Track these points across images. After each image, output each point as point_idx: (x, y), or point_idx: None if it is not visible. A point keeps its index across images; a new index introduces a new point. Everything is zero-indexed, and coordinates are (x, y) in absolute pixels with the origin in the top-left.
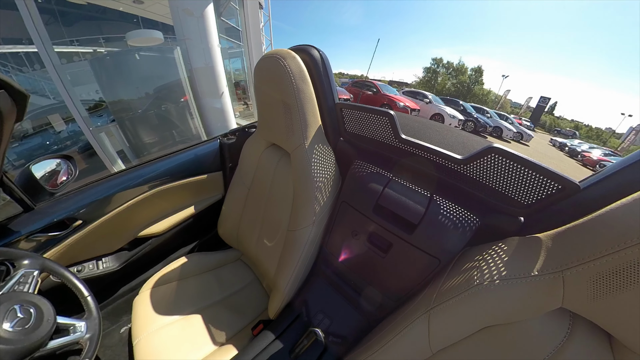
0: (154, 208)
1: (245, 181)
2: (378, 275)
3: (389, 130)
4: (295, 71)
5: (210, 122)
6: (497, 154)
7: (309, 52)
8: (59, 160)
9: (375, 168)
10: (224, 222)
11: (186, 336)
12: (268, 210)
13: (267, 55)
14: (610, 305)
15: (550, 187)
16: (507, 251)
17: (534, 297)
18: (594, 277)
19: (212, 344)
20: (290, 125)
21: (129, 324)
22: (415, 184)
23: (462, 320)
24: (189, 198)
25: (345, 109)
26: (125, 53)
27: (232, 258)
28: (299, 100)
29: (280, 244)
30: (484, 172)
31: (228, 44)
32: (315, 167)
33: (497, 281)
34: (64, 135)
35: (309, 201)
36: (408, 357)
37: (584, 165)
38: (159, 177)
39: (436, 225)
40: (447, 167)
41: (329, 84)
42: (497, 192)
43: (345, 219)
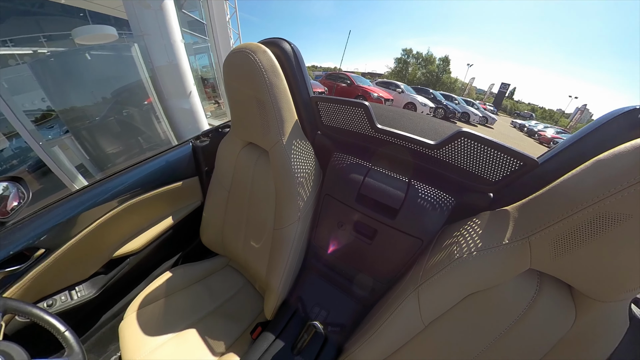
0: (127, 224)
1: (224, 184)
2: (367, 262)
3: (365, 121)
4: (267, 66)
5: (179, 125)
6: (466, 137)
7: (280, 45)
8: (6, 183)
9: (354, 159)
10: (206, 229)
11: (183, 353)
12: (251, 211)
13: (236, 49)
14: (569, 261)
15: (514, 164)
16: (481, 225)
17: (507, 263)
18: (554, 239)
19: (211, 355)
20: (265, 122)
21: (117, 353)
22: (393, 171)
23: (448, 292)
24: (165, 208)
25: (321, 102)
26: (73, 53)
27: (219, 265)
28: (272, 95)
29: (268, 244)
30: (455, 154)
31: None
32: (295, 162)
33: (474, 253)
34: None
35: (292, 198)
36: (403, 333)
37: (541, 143)
38: (129, 189)
39: (416, 208)
40: (422, 153)
41: (302, 78)
42: (468, 173)
43: (329, 212)
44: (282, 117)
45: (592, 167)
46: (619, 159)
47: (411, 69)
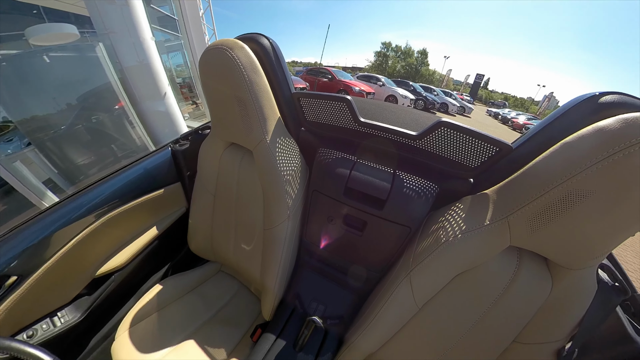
0: (107, 239)
1: (209, 188)
2: (359, 253)
3: (348, 115)
4: (246, 62)
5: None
6: (446, 127)
7: (258, 41)
8: None
9: (339, 153)
10: (194, 236)
11: None
12: (239, 213)
13: (211, 46)
14: (544, 236)
15: (491, 150)
16: (464, 209)
17: (489, 242)
18: (530, 217)
19: None
20: (247, 121)
21: None
22: (378, 163)
23: (438, 274)
24: (148, 219)
25: (303, 98)
26: (28, 56)
27: (211, 272)
28: (253, 93)
29: (259, 245)
30: (436, 144)
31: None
32: (281, 160)
33: (459, 235)
34: None
35: (280, 196)
36: (400, 317)
37: (514, 129)
38: (106, 202)
39: (402, 198)
40: (405, 144)
41: (283, 74)
42: (449, 160)
43: (319, 207)
44: (265, 115)
45: (560, 149)
46: (582, 141)
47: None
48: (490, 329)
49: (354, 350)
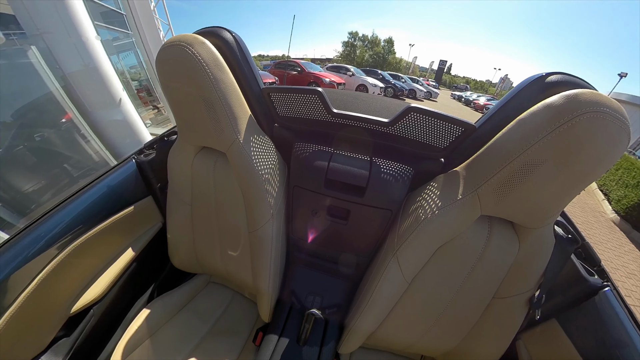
0: (77, 271)
1: (184, 198)
2: (347, 241)
3: (320, 107)
4: (208, 59)
5: (114, 141)
6: (415, 112)
7: (219, 34)
8: None
9: (316, 146)
10: (175, 251)
11: None
12: (221, 220)
13: (168, 44)
14: (509, 203)
15: (457, 130)
16: (438, 187)
17: (463, 214)
18: (496, 188)
19: None
20: (216, 122)
21: None
22: (355, 152)
23: (422, 250)
24: (121, 241)
25: (274, 93)
26: None
27: (201, 285)
28: (219, 91)
29: (247, 248)
30: (408, 128)
31: (112, 35)
32: (257, 160)
33: (436, 212)
34: None
35: (261, 196)
36: (392, 295)
37: (476, 110)
38: (68, 230)
39: (381, 183)
40: (378, 131)
41: (250, 69)
42: (421, 143)
43: (301, 202)
44: (235, 114)
45: (516, 125)
46: (534, 117)
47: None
48: (473, 290)
49: (355, 333)
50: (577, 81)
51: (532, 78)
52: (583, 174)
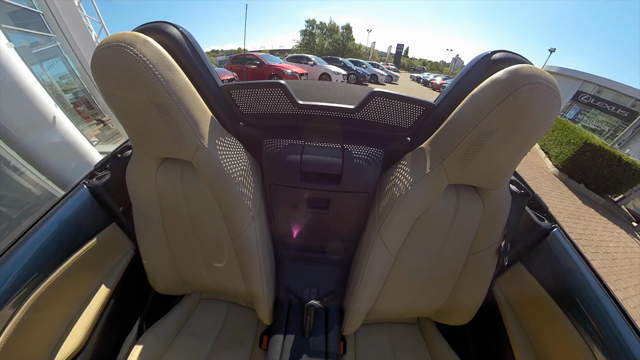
0: (45, 326)
1: (154, 217)
2: (331, 229)
3: (285, 100)
4: (155, 59)
5: (56, 167)
6: (379, 96)
7: (164, 30)
8: None
9: (286, 140)
10: (156, 276)
11: None
12: (199, 233)
13: (104, 45)
14: (470, 170)
15: (419, 110)
16: (407, 165)
17: (433, 186)
18: (458, 158)
19: None
20: (175, 129)
21: None
22: (325, 141)
23: (401, 224)
24: (90, 279)
25: (234, 90)
26: None
27: (192, 304)
28: (173, 95)
29: (233, 257)
30: (373, 112)
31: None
32: (227, 163)
33: (409, 187)
34: None
35: (237, 201)
36: (382, 271)
37: (434, 89)
38: (20, 283)
39: (355, 168)
40: (346, 118)
41: (204, 66)
42: (387, 125)
43: (280, 199)
44: (194, 117)
45: (469, 100)
46: (483, 92)
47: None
48: (450, 252)
49: (355, 314)
50: (517, 57)
51: (479, 57)
52: (527, 137)
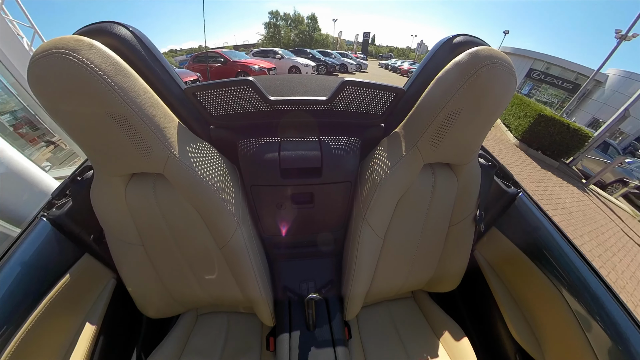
0: None
1: (131, 240)
2: (319, 222)
3: (256, 98)
4: (104, 65)
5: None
6: (350, 85)
7: (111, 31)
8: None
9: (261, 139)
10: (145, 302)
11: None
12: (184, 247)
13: (41, 53)
14: (442, 149)
15: (390, 96)
16: (384, 150)
17: (410, 167)
18: (430, 138)
19: None
20: (139, 140)
21: None
22: (302, 135)
23: (385, 207)
24: (71, 320)
25: (199, 91)
26: None
27: (190, 323)
28: (131, 103)
29: (224, 266)
30: (346, 102)
31: None
32: (202, 170)
33: (388, 171)
34: None
35: (219, 208)
36: (373, 254)
37: (402, 75)
38: None
39: (335, 159)
40: (319, 110)
41: (163, 68)
42: (361, 113)
43: (263, 200)
44: (159, 125)
45: (436, 83)
46: (448, 74)
47: (283, 32)
48: (433, 226)
49: (354, 299)
50: (476, 40)
51: (442, 41)
52: (490, 113)
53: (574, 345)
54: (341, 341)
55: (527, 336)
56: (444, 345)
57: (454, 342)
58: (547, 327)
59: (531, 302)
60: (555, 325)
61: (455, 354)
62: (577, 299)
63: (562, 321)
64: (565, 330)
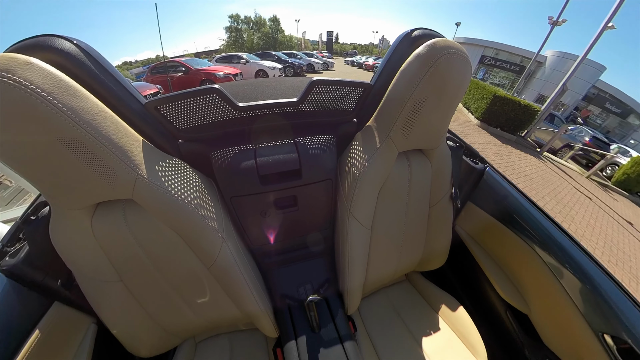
0: None
1: (106, 277)
2: (306, 224)
3: (224, 106)
4: (46, 84)
5: None
6: (319, 84)
7: (51, 46)
8: None
9: (235, 148)
10: (135, 341)
11: None
12: (168, 274)
13: None
14: (413, 136)
15: (358, 91)
16: (360, 144)
17: (386, 157)
18: (401, 128)
19: None
20: (100, 165)
21: None
22: (277, 139)
23: (368, 199)
24: None
25: (162, 105)
26: None
27: (190, 352)
28: (85, 125)
29: (215, 285)
30: (317, 101)
31: None
32: (176, 189)
33: (366, 164)
34: None
35: (201, 226)
36: (363, 246)
37: (368, 70)
38: None
39: (312, 159)
40: (291, 112)
41: (117, 83)
42: (333, 111)
43: (246, 210)
44: (121, 146)
45: (400, 76)
46: (411, 67)
47: (246, 36)
48: (415, 210)
49: (353, 292)
50: (433, 33)
51: (401, 36)
52: (452, 98)
53: (552, 292)
54: (348, 336)
55: (513, 294)
56: (443, 318)
57: (451, 313)
58: (527, 281)
59: (511, 263)
60: (534, 278)
61: (454, 324)
62: (547, 252)
63: (538, 274)
64: (542, 281)
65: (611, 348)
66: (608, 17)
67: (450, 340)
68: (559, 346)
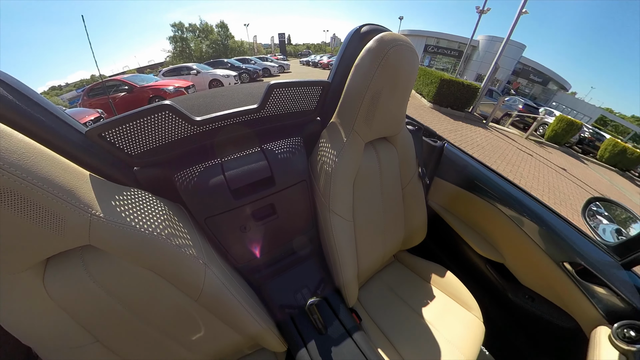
0: None
1: (77, 342)
2: (289, 230)
3: (179, 122)
4: None
5: None
6: (278, 87)
7: None
8: None
9: (199, 166)
10: None
11: None
12: (152, 317)
13: None
14: (375, 126)
15: (317, 90)
16: (327, 140)
17: (354, 149)
18: (363, 120)
19: None
20: (42, 213)
21: None
22: (242, 149)
23: (344, 193)
24: None
25: (106, 131)
26: None
27: None
28: (12, 168)
29: (207, 316)
30: (278, 105)
31: None
32: (141, 223)
33: (336, 160)
34: None
35: (177, 257)
36: (349, 238)
37: (324, 68)
38: None
39: (283, 163)
40: (253, 119)
41: (47, 113)
42: (296, 113)
43: (223, 229)
44: (63, 186)
45: (355, 71)
46: (364, 61)
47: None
48: (389, 194)
49: (349, 285)
50: (380, 28)
51: (351, 32)
52: (405, 86)
53: (518, 239)
54: (355, 328)
55: (488, 249)
56: (436, 286)
57: (441, 279)
58: (497, 235)
59: (481, 223)
60: (501, 231)
61: (446, 288)
62: (508, 207)
63: (504, 226)
64: (508, 232)
65: (571, 272)
66: (522, 4)
67: (447, 304)
68: (533, 282)
